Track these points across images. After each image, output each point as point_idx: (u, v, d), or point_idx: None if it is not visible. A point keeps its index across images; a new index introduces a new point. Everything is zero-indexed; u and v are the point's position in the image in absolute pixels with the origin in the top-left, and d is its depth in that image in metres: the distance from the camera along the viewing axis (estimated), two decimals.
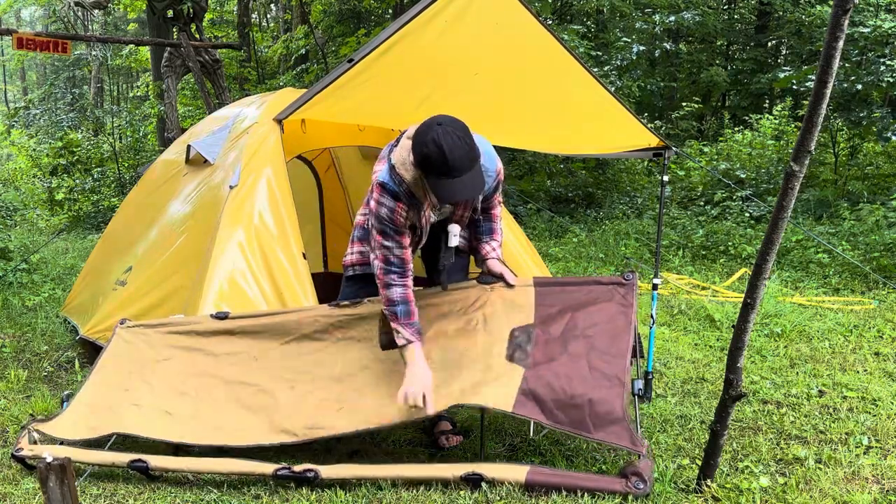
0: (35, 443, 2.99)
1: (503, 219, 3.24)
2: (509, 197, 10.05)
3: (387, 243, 2.79)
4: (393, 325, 2.79)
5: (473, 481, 2.61)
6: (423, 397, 2.68)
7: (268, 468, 2.71)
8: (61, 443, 2.95)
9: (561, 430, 2.67)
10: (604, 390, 2.67)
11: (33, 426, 3.04)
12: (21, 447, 2.94)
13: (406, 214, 2.78)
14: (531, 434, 3.10)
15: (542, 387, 2.69)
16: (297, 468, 2.70)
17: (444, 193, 2.59)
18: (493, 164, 2.88)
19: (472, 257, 3.17)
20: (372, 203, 2.79)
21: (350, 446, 3.10)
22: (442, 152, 2.51)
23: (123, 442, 2.97)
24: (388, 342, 2.88)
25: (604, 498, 2.49)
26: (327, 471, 2.71)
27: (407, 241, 2.82)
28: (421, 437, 3.22)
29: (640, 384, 3.45)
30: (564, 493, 2.53)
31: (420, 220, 2.82)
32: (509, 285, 3.00)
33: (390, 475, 2.71)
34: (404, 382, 2.72)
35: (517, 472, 2.60)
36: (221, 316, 3.25)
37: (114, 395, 3.08)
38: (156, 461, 2.79)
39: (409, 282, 2.83)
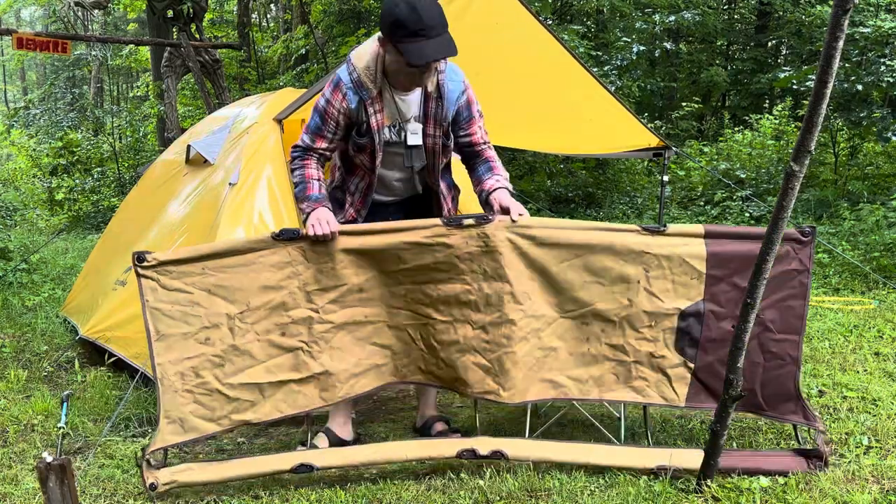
0: (159, 468, 2.65)
1: None
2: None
3: (304, 135, 2.84)
4: (297, 206, 2.85)
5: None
6: (328, 224, 2.68)
7: (451, 450, 2.74)
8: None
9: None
10: (777, 371, 2.77)
11: (147, 455, 2.63)
12: (152, 481, 2.59)
13: (344, 109, 2.75)
14: (527, 434, 3.10)
15: (713, 378, 2.76)
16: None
17: (416, 54, 2.52)
18: (459, 76, 2.85)
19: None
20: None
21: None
22: (414, 9, 2.49)
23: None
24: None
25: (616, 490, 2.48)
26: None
27: (322, 144, 2.82)
28: (418, 438, 3.21)
29: None
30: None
31: (370, 122, 2.75)
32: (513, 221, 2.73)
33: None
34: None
35: (700, 459, 2.66)
36: (291, 235, 2.70)
37: (209, 374, 2.68)
38: (322, 460, 2.71)
39: (310, 162, 2.84)
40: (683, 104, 13.20)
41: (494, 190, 2.84)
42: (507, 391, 2.77)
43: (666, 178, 4.03)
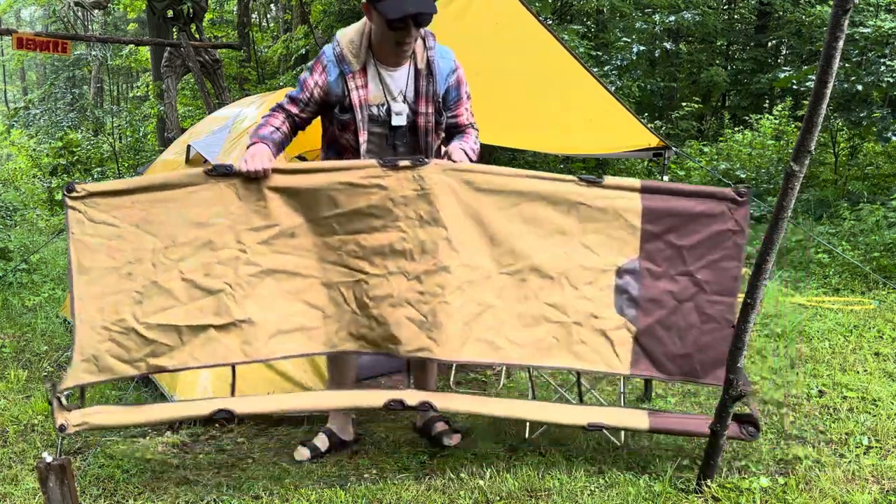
0: (70, 410, 2.55)
1: None
2: None
3: (281, 99, 2.87)
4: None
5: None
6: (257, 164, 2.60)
7: (378, 400, 2.67)
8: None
9: (671, 381, 2.86)
10: (712, 334, 2.73)
11: (59, 392, 2.56)
12: (62, 423, 2.50)
13: (321, 83, 2.78)
14: (527, 434, 3.10)
15: (654, 342, 2.75)
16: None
17: (394, 8, 2.56)
18: (449, 55, 2.86)
19: None
20: None
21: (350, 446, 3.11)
22: None
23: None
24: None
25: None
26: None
27: (294, 108, 2.83)
28: (418, 438, 3.22)
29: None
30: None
31: (352, 97, 2.76)
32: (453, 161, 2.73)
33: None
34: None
35: (639, 419, 2.69)
36: (224, 171, 2.63)
37: (128, 311, 2.59)
38: (241, 406, 2.59)
39: (279, 114, 2.84)
40: (683, 104, 13.21)
41: (453, 149, 2.85)
42: (441, 346, 2.67)
43: (666, 178, 4.02)
